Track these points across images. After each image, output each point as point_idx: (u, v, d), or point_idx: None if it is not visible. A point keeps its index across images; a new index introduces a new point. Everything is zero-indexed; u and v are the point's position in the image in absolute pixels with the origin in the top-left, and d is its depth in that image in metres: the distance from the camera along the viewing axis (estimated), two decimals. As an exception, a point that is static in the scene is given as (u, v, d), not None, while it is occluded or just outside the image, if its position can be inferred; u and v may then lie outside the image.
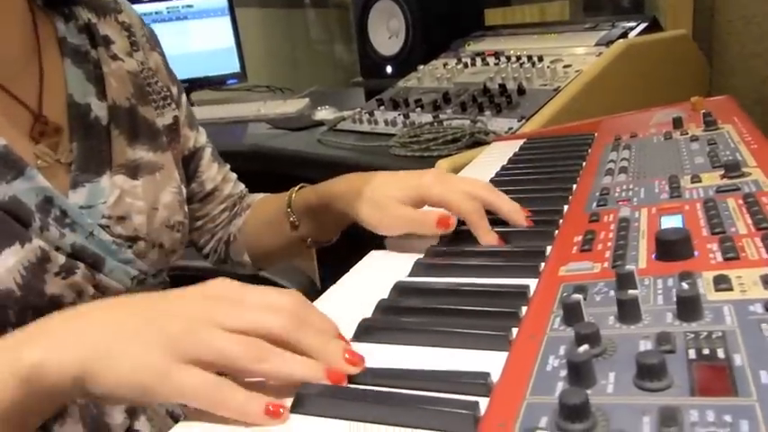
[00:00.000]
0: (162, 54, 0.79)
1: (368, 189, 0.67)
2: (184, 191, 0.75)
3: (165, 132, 0.74)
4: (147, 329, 0.41)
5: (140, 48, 0.74)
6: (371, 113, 1.51)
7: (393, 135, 1.34)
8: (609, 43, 1.40)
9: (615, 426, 0.29)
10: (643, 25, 1.46)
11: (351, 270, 0.63)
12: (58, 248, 0.58)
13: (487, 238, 0.60)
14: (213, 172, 0.84)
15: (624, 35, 1.43)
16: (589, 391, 0.32)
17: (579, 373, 0.33)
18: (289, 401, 0.40)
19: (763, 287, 0.38)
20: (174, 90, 0.78)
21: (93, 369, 0.40)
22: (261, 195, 0.90)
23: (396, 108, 1.49)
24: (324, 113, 1.73)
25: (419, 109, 1.44)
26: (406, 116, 1.42)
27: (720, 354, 0.33)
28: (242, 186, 0.90)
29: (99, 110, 0.66)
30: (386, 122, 1.46)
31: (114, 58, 0.70)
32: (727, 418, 0.28)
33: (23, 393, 0.40)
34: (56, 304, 0.56)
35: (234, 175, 0.89)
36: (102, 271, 0.61)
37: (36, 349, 0.41)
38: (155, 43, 0.78)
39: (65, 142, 0.63)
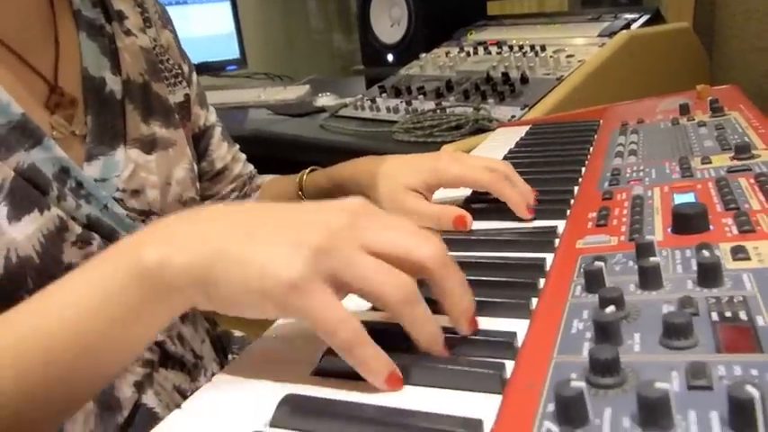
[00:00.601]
0: (173, 32, 0.79)
1: (381, 176, 0.68)
2: (196, 168, 0.75)
3: (177, 110, 0.74)
4: (281, 236, 0.38)
5: (153, 24, 0.74)
6: (373, 100, 1.51)
7: (395, 122, 1.35)
8: (612, 34, 1.41)
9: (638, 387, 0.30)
10: (645, 17, 1.47)
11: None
12: (74, 219, 0.58)
13: (518, 204, 0.61)
14: (223, 151, 0.85)
15: (627, 26, 1.44)
16: (616, 351, 0.33)
17: (606, 332, 0.34)
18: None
19: (780, 257, 0.40)
20: (185, 68, 0.79)
21: (216, 272, 0.37)
22: (270, 177, 0.91)
23: (398, 95, 1.50)
24: (325, 100, 1.73)
25: (421, 96, 1.44)
26: (409, 103, 1.43)
27: (743, 316, 0.34)
28: (251, 167, 0.90)
29: (113, 84, 0.66)
30: (388, 109, 1.46)
31: (128, 33, 0.70)
32: (754, 371, 0.29)
33: (141, 294, 0.38)
34: None
35: (243, 156, 0.89)
36: (113, 242, 0.61)
37: (155, 249, 0.38)
38: (166, 20, 0.78)
39: (79, 115, 0.63)
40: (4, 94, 0.55)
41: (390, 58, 1.83)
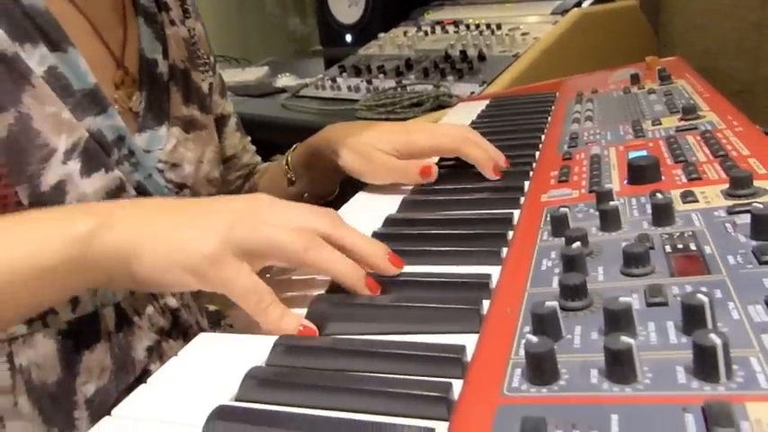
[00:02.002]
0: (203, 25, 0.83)
1: (352, 137, 0.71)
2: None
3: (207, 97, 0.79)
4: (200, 218, 0.44)
5: (191, 15, 0.80)
6: (334, 80, 1.53)
7: (356, 101, 1.38)
8: (564, 12, 1.46)
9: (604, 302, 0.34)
10: (596, -5, 1.52)
11: (342, 209, 0.66)
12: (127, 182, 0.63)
13: (485, 163, 0.65)
14: (235, 140, 0.88)
15: (578, 5, 1.48)
16: (582, 280, 0.37)
17: (573, 264, 0.38)
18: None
19: (724, 198, 0.44)
20: (212, 59, 0.83)
21: (141, 247, 0.42)
22: (265, 165, 0.94)
23: (358, 75, 1.52)
24: (285, 80, 1.74)
25: (382, 75, 1.47)
26: (369, 82, 1.45)
27: (693, 246, 0.38)
28: (259, 158, 0.94)
29: (163, 66, 0.71)
30: (349, 88, 1.48)
31: (172, 23, 0.75)
32: (704, 289, 0.33)
33: (68, 258, 0.43)
34: None
35: (253, 147, 0.93)
36: None
37: (89, 221, 0.44)
38: (198, 14, 0.83)
39: (136, 94, 0.68)
40: (83, 63, 0.60)
41: (348, 38, 1.84)
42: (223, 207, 0.46)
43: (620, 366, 0.28)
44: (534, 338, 0.29)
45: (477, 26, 1.53)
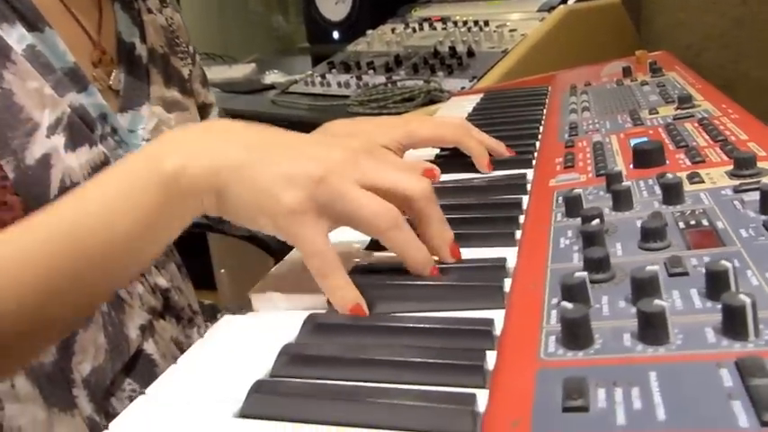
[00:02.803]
0: (181, 15, 0.85)
1: (355, 134, 0.71)
2: None
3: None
4: (288, 163, 0.42)
5: (169, 4, 0.81)
6: (324, 76, 1.54)
7: (347, 96, 1.39)
8: (550, 9, 1.48)
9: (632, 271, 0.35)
10: (581, -8, 1.55)
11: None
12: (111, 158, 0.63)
13: (481, 156, 0.66)
14: None
15: (564, 2, 1.51)
16: (602, 256, 0.39)
17: (594, 240, 0.39)
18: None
19: (729, 179, 0.46)
20: (191, 48, 0.85)
21: (230, 185, 0.42)
22: None
23: (348, 71, 1.53)
24: (274, 77, 1.75)
25: (372, 71, 1.48)
26: (359, 78, 1.47)
27: (705, 222, 0.40)
28: None
29: (141, 50, 0.73)
30: (339, 84, 1.49)
31: (149, 11, 0.77)
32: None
33: (163, 199, 0.42)
34: None
35: None
36: None
37: (176, 156, 0.42)
38: (176, 6, 0.84)
39: (115, 72, 0.69)
40: (61, 43, 0.61)
41: (336, 35, 1.85)
42: (317, 152, 0.43)
43: (653, 328, 0.29)
44: (569, 305, 0.31)
45: (465, 23, 1.55)
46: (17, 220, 0.47)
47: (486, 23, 1.51)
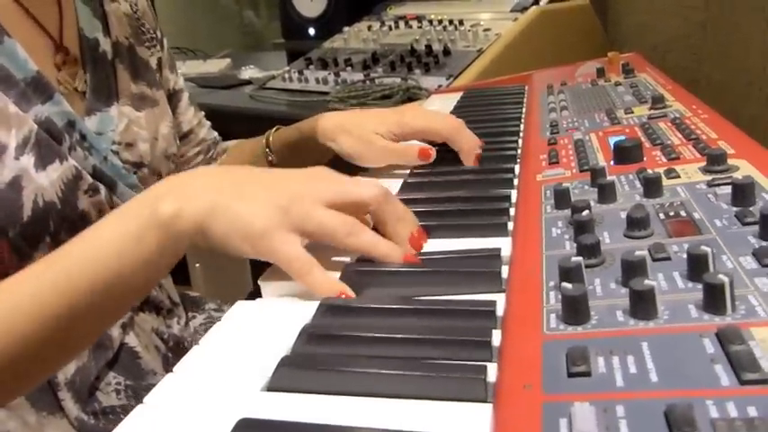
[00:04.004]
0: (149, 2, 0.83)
1: (350, 124, 0.75)
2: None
3: (156, 72, 0.79)
4: (262, 196, 0.48)
5: None
6: (301, 72, 1.56)
7: (325, 93, 1.42)
8: (523, 10, 1.53)
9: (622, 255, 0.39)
10: (552, -6, 1.60)
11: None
12: (84, 169, 0.63)
13: (470, 152, 0.70)
14: (190, 115, 0.89)
15: (536, 2, 1.56)
16: (592, 243, 0.43)
17: (585, 228, 0.43)
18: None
19: (702, 174, 0.50)
20: (158, 33, 0.83)
21: (213, 218, 0.47)
22: (234, 141, 0.95)
23: (325, 68, 1.56)
24: (251, 72, 1.76)
25: (349, 68, 1.51)
26: (337, 75, 1.49)
27: (683, 213, 0.44)
28: (215, 134, 0.95)
29: (105, 45, 0.71)
30: (317, 81, 1.52)
31: (112, 0, 0.75)
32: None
33: (161, 240, 0.47)
34: (84, 219, 0.61)
35: (208, 122, 0.94)
36: (115, 193, 0.66)
37: (170, 202, 0.48)
38: None
39: (80, 73, 0.68)
40: (22, 51, 0.60)
41: (312, 31, 1.87)
42: (283, 185, 0.50)
43: (644, 304, 0.33)
44: (569, 285, 0.35)
45: (440, 21, 1.59)
46: None
47: (461, 23, 1.55)
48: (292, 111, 1.42)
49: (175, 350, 0.74)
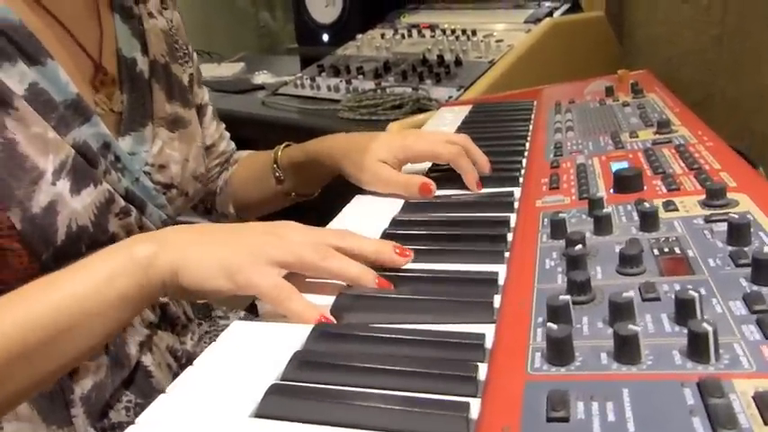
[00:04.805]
0: (179, 13, 0.83)
1: (354, 150, 0.75)
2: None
3: (188, 90, 0.80)
4: (233, 240, 0.51)
5: (168, 6, 0.79)
6: (313, 79, 1.57)
7: (336, 100, 1.42)
8: (536, 21, 1.53)
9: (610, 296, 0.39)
10: (566, 6, 1.60)
11: (342, 212, 0.71)
12: (116, 192, 0.64)
13: (472, 177, 0.70)
14: (212, 129, 0.89)
15: (550, 14, 1.56)
16: (584, 278, 0.43)
17: (577, 263, 0.43)
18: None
19: (701, 208, 0.50)
20: (189, 48, 0.83)
21: (188, 262, 0.49)
22: (247, 152, 0.96)
23: (337, 75, 1.56)
24: (264, 77, 1.77)
25: (361, 76, 1.52)
26: (349, 82, 1.50)
27: (677, 250, 0.44)
28: (233, 144, 0.96)
29: (143, 64, 0.71)
30: (329, 88, 1.52)
31: (150, 15, 0.75)
32: (690, 287, 0.39)
33: (139, 278, 0.49)
34: (113, 241, 0.61)
35: (227, 134, 0.95)
36: (144, 214, 0.67)
37: (148, 245, 0.50)
38: (175, 2, 0.82)
39: (117, 93, 0.68)
40: (63, 74, 0.60)
41: (325, 37, 1.88)
42: (254, 231, 0.53)
43: (627, 349, 0.33)
44: (555, 326, 0.35)
45: (453, 31, 1.59)
46: (25, 266, 0.55)
47: (474, 33, 1.55)
48: (302, 119, 1.43)
49: (186, 367, 0.74)
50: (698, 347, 0.32)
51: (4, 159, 0.54)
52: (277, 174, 0.85)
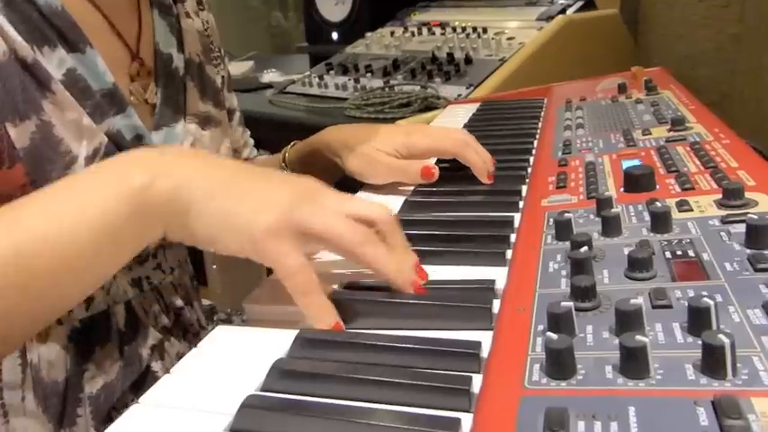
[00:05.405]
0: (212, 15, 0.83)
1: (353, 140, 0.73)
2: None
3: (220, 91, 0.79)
4: (260, 188, 0.44)
5: (205, 7, 0.79)
6: (321, 77, 1.55)
7: (344, 99, 1.39)
8: (549, 18, 1.49)
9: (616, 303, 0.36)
10: (579, 3, 1.56)
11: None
12: None
13: (481, 169, 0.67)
14: (238, 135, 0.88)
15: (563, 11, 1.52)
16: (589, 283, 0.39)
17: (581, 267, 0.40)
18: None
19: (717, 208, 0.47)
20: (222, 51, 0.83)
21: (198, 201, 0.43)
22: (264, 157, 0.94)
23: (345, 73, 1.53)
24: (272, 76, 1.75)
25: (369, 74, 1.49)
26: (357, 81, 1.47)
27: (691, 253, 0.41)
28: (255, 152, 0.94)
29: (178, 61, 0.70)
30: (336, 86, 1.50)
31: (187, 15, 0.74)
32: (705, 293, 0.36)
33: (126, 213, 0.44)
34: None
35: (252, 141, 0.93)
36: None
37: (145, 173, 0.44)
38: (209, 5, 0.82)
39: (152, 85, 0.67)
40: (101, 63, 0.60)
41: (335, 36, 1.86)
42: (282, 182, 0.46)
43: (635, 362, 0.30)
44: (554, 336, 0.32)
45: (464, 29, 1.56)
46: None
47: (485, 30, 1.51)
48: (310, 117, 1.41)
49: None
50: (713, 361, 0.29)
51: (38, 142, 0.54)
52: (285, 171, 0.83)
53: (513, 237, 0.53)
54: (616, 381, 0.31)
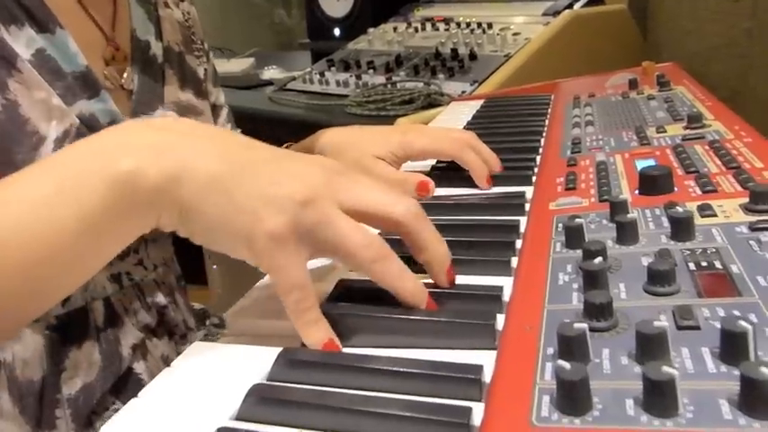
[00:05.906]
0: (194, 8, 0.80)
1: (348, 144, 0.69)
2: None
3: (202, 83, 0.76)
4: (268, 180, 0.39)
5: None
6: (322, 74, 1.51)
7: (345, 96, 1.36)
8: (555, 13, 1.45)
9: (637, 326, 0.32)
10: (586, -2, 1.51)
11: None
12: None
13: (480, 172, 0.63)
14: None
15: (569, 6, 1.48)
16: (604, 298, 0.35)
17: (595, 281, 0.36)
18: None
19: (744, 213, 0.42)
20: (206, 45, 0.80)
21: (196, 193, 0.38)
22: None
23: (347, 69, 1.50)
24: (272, 73, 1.71)
25: (371, 71, 1.45)
26: (359, 77, 1.43)
27: (718, 265, 0.37)
28: None
29: (156, 49, 0.68)
30: (338, 83, 1.46)
31: (166, 5, 0.72)
32: (736, 313, 0.32)
33: (112, 200, 0.39)
34: None
35: None
36: None
37: (132, 157, 0.39)
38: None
39: (128, 70, 0.64)
40: (73, 44, 0.57)
41: (337, 32, 1.82)
42: (295, 171, 0.40)
43: (660, 398, 0.26)
44: (567, 365, 0.28)
45: (468, 24, 1.52)
46: None
47: (490, 26, 1.47)
48: (310, 114, 1.37)
49: None
50: (754, 398, 0.25)
51: (3, 121, 0.51)
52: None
53: (519, 242, 0.49)
54: (639, 419, 0.26)
